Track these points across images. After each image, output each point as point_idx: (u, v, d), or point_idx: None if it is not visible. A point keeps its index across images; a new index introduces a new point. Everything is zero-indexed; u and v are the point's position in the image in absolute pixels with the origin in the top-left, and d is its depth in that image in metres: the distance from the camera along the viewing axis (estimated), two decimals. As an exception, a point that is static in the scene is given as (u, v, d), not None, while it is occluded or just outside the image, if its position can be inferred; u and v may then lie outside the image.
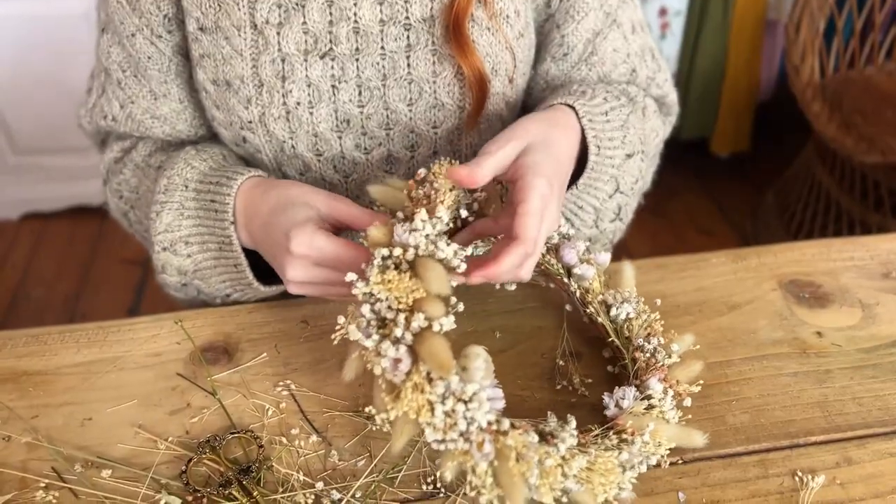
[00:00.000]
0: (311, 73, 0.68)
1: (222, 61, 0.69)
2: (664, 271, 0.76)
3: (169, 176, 0.70)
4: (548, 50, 0.76)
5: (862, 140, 1.63)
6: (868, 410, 0.62)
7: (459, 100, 0.71)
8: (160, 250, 0.70)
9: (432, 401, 0.48)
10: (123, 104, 0.75)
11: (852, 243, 0.79)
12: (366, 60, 0.68)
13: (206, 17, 0.68)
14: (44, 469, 0.58)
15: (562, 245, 0.66)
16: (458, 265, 0.53)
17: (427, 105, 0.71)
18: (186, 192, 0.69)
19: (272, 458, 0.58)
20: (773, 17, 2.06)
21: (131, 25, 0.70)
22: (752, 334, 0.68)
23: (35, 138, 2.04)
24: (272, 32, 0.67)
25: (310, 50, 0.68)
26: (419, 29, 0.68)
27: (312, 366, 0.66)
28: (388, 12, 0.67)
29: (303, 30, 0.67)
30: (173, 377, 0.65)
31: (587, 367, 0.66)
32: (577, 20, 0.73)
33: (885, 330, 0.69)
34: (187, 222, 0.69)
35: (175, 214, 0.69)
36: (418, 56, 0.69)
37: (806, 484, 0.56)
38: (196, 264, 0.70)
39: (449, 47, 0.68)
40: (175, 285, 0.73)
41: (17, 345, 0.68)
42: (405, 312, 0.50)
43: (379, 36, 0.68)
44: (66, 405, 0.63)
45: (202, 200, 0.68)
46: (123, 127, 0.77)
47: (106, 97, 0.76)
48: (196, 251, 0.70)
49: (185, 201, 0.69)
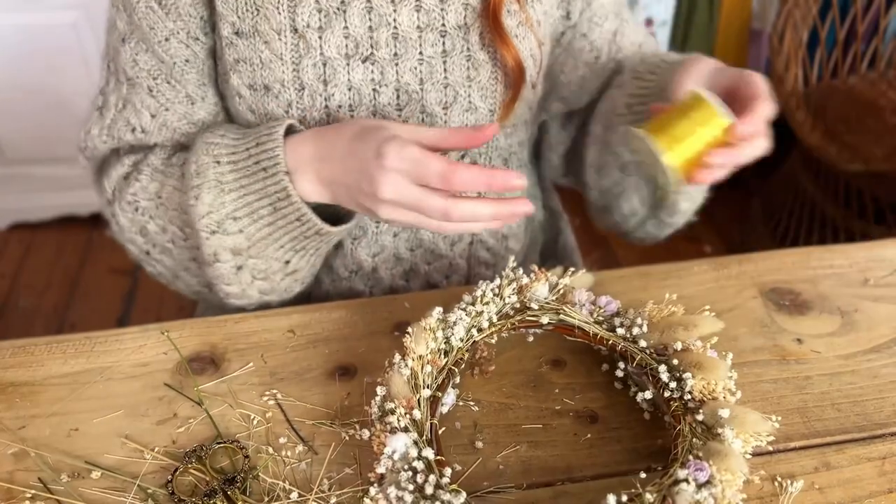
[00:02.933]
0: (353, 77, 0.70)
1: (260, 65, 0.69)
2: (647, 279, 0.77)
3: (196, 160, 0.68)
4: (579, 58, 0.80)
5: (845, 148, 1.65)
6: (846, 416, 0.63)
7: (491, 104, 0.74)
8: (208, 235, 0.67)
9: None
10: (156, 113, 0.73)
11: (831, 251, 0.80)
12: (405, 65, 0.70)
13: (243, 22, 0.68)
14: (30, 480, 0.58)
15: (588, 297, 0.66)
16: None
17: (461, 108, 0.73)
18: (220, 167, 0.67)
19: (258, 468, 0.58)
20: (757, 27, 2.08)
21: (164, 30, 0.69)
22: (732, 341, 0.69)
23: (24, 148, 2.04)
24: (314, 36, 0.68)
25: (351, 54, 0.69)
26: (454, 35, 0.71)
27: (299, 375, 0.66)
28: (426, 19, 0.69)
29: (344, 34, 0.68)
30: (160, 387, 0.65)
31: (571, 375, 0.67)
32: (600, 25, 0.79)
33: (864, 336, 0.70)
34: (230, 196, 0.67)
35: (216, 192, 0.66)
36: (454, 61, 0.71)
37: (785, 489, 0.57)
38: (249, 238, 0.68)
39: (483, 52, 0.71)
40: (230, 273, 0.70)
41: (3, 356, 0.69)
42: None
43: (417, 42, 0.70)
44: (53, 416, 0.63)
45: (241, 169, 0.66)
46: (156, 138, 0.74)
47: (132, 109, 0.73)
48: (247, 224, 0.67)
49: (222, 176, 0.67)
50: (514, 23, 0.72)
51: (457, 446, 0.60)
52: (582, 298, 0.66)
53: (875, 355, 0.69)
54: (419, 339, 0.59)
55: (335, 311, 0.73)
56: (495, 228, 0.74)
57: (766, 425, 0.56)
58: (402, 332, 0.62)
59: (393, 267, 0.82)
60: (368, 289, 0.83)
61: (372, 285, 0.83)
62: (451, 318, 0.63)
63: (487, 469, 0.59)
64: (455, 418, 0.63)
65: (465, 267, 0.84)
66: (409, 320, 0.67)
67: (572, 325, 0.65)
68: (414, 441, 0.54)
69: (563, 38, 0.80)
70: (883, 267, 0.79)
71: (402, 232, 0.80)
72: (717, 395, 0.58)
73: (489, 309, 0.64)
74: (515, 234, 0.87)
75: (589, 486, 0.57)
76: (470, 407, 0.64)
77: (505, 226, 0.82)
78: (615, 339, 0.64)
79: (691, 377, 0.59)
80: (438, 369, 0.60)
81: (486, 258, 0.85)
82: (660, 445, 0.60)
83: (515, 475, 0.58)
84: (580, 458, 0.60)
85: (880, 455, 0.59)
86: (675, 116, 0.62)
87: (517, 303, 0.66)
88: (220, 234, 0.67)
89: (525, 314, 0.65)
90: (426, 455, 0.53)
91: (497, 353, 0.68)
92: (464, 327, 0.63)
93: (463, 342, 0.63)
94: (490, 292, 0.65)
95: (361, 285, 0.83)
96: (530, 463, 0.59)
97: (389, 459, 0.53)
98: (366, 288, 0.83)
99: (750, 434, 0.56)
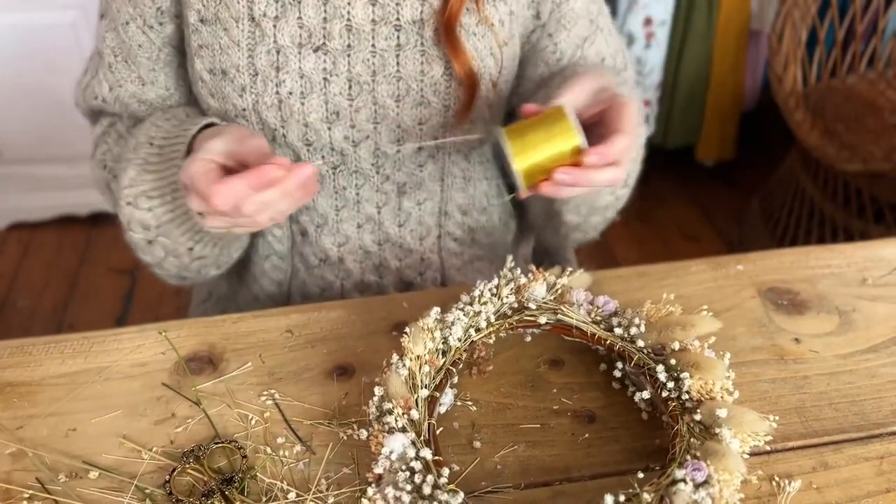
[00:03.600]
0: (305, 65, 0.71)
1: (219, 51, 0.72)
2: (646, 279, 0.77)
3: (136, 135, 0.74)
4: (541, 57, 0.80)
5: (844, 148, 1.65)
6: (844, 416, 0.63)
7: (445, 99, 0.74)
8: (124, 205, 0.72)
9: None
10: (112, 87, 0.79)
11: (829, 251, 0.80)
12: (357, 57, 0.72)
13: (207, 10, 0.71)
14: (28, 480, 0.58)
15: (586, 297, 0.66)
16: None
17: (414, 102, 0.74)
18: (151, 148, 0.71)
19: (256, 468, 0.58)
20: (756, 27, 2.09)
21: (126, 14, 0.74)
22: (731, 341, 0.69)
23: (22, 147, 2.04)
24: (269, 25, 0.70)
25: (304, 43, 0.71)
26: (409, 30, 0.71)
27: (297, 375, 0.67)
28: (380, 13, 0.71)
29: (298, 24, 0.70)
30: (158, 387, 0.65)
31: (569, 375, 0.67)
32: (567, 28, 0.78)
33: (861, 336, 0.71)
34: (149, 177, 0.71)
35: (139, 170, 0.71)
36: (407, 55, 0.72)
37: (783, 488, 0.57)
38: (158, 219, 0.72)
39: (437, 49, 0.72)
40: (141, 244, 0.74)
41: (1, 356, 0.69)
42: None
43: (370, 34, 0.71)
44: (50, 416, 0.63)
45: (163, 154, 0.71)
46: (111, 108, 0.81)
47: (97, 79, 0.80)
48: (157, 205, 0.71)
49: (150, 157, 0.71)
50: (472, 21, 0.73)
51: (455, 446, 0.60)
52: (580, 298, 0.66)
53: (873, 355, 0.69)
54: (417, 339, 0.59)
55: (333, 310, 0.73)
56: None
57: (763, 425, 0.56)
58: (400, 332, 0.63)
59: (362, 260, 0.84)
60: (340, 281, 0.85)
61: (343, 277, 0.85)
62: (448, 318, 0.63)
63: (485, 469, 0.59)
64: (453, 418, 0.63)
65: (437, 261, 0.85)
66: (407, 320, 0.66)
67: (570, 324, 0.65)
68: (412, 441, 0.54)
69: (532, 36, 0.79)
70: (881, 267, 0.79)
71: (365, 223, 0.82)
72: (715, 394, 0.58)
73: (487, 309, 0.64)
74: (483, 226, 0.87)
75: (587, 486, 0.57)
76: (468, 407, 0.64)
77: (470, 217, 0.85)
78: (613, 339, 0.64)
79: (689, 377, 0.59)
80: (436, 369, 0.61)
81: (456, 250, 0.86)
82: (657, 445, 0.60)
83: (513, 475, 0.58)
84: (578, 457, 0.60)
85: (878, 455, 0.59)
86: (534, 124, 0.63)
87: (515, 303, 0.66)
88: (133, 207, 0.71)
89: (523, 314, 0.65)
90: (424, 455, 0.53)
91: (495, 353, 0.68)
92: (462, 327, 0.63)
93: (461, 342, 0.63)
94: (488, 292, 0.65)
95: (332, 276, 0.85)
96: (528, 463, 0.59)
97: (387, 459, 0.53)
98: (336, 279, 0.85)
99: (748, 434, 0.56)
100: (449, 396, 0.63)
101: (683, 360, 0.60)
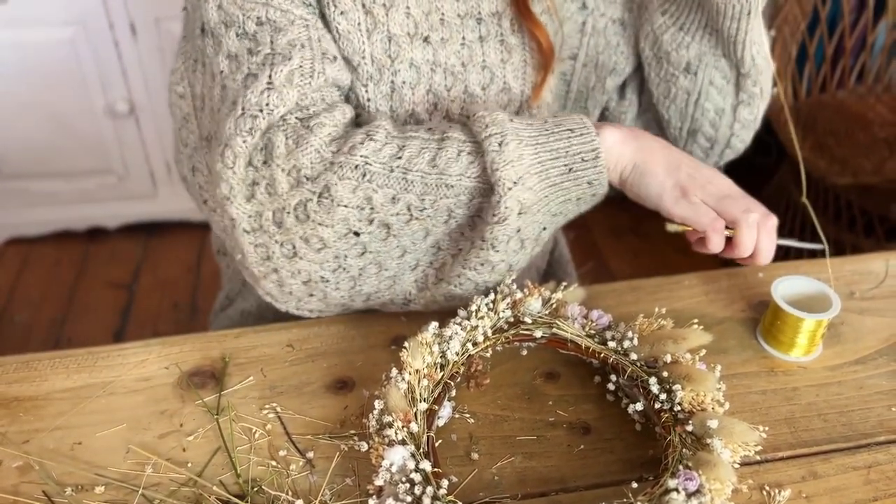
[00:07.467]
0: (415, 55, 0.73)
1: (339, 37, 0.70)
2: (638, 293, 0.78)
3: (482, 118, 0.65)
4: (607, 35, 0.83)
5: (834, 162, 1.68)
6: (833, 426, 0.64)
7: (522, 84, 0.79)
8: (509, 187, 0.62)
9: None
10: (315, 75, 0.68)
11: (819, 265, 0.82)
12: (451, 48, 0.75)
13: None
14: (35, 493, 0.59)
15: (580, 311, 0.68)
16: None
17: (497, 89, 0.78)
18: (514, 123, 0.65)
19: (261, 481, 0.60)
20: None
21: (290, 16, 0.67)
22: (722, 354, 0.71)
23: (20, 163, 2.05)
24: (381, 13, 0.72)
25: (412, 34, 0.73)
26: (489, 22, 0.76)
27: (298, 388, 0.68)
28: (465, 8, 0.75)
29: (406, 13, 0.73)
30: (162, 401, 0.67)
31: (564, 388, 0.68)
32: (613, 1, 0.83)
33: (850, 348, 0.72)
34: (528, 150, 0.64)
35: (515, 143, 0.64)
36: (489, 45, 0.77)
37: (773, 497, 0.58)
38: (536, 194, 0.65)
39: (514, 37, 0.77)
40: (513, 236, 0.66)
41: (7, 371, 0.70)
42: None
43: (460, 27, 0.75)
44: (56, 430, 0.64)
45: (538, 128, 0.65)
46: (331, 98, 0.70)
47: (292, 81, 0.66)
48: (536, 182, 0.64)
49: (520, 131, 0.65)
50: (538, 10, 0.77)
51: (453, 458, 0.62)
52: (574, 312, 0.67)
53: (860, 367, 0.70)
54: (416, 353, 0.61)
55: (333, 325, 0.74)
56: None
57: (754, 435, 0.57)
58: (399, 346, 0.64)
59: None
60: None
61: None
62: (446, 333, 0.64)
63: (483, 480, 0.60)
64: (451, 430, 0.64)
65: None
66: (405, 334, 0.68)
67: (565, 338, 0.66)
68: (411, 453, 0.56)
69: (586, 27, 0.83)
70: (868, 280, 0.81)
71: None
72: (706, 406, 0.60)
73: (484, 323, 0.66)
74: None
75: (583, 496, 0.59)
76: (466, 419, 0.65)
77: None
78: (607, 352, 0.65)
79: (681, 389, 0.60)
80: (435, 383, 0.62)
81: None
82: (651, 456, 0.62)
83: (511, 486, 0.60)
84: (574, 468, 0.61)
85: (865, 464, 0.61)
86: None
87: (511, 317, 0.67)
88: (520, 186, 0.63)
89: (519, 328, 0.67)
90: (423, 467, 0.54)
91: (492, 367, 0.70)
92: (459, 341, 0.64)
93: (458, 356, 0.64)
94: (485, 307, 0.66)
95: None
96: (525, 474, 0.61)
97: (388, 472, 0.55)
98: None
99: (738, 444, 0.57)
100: (447, 409, 0.64)
101: (675, 373, 0.61)
